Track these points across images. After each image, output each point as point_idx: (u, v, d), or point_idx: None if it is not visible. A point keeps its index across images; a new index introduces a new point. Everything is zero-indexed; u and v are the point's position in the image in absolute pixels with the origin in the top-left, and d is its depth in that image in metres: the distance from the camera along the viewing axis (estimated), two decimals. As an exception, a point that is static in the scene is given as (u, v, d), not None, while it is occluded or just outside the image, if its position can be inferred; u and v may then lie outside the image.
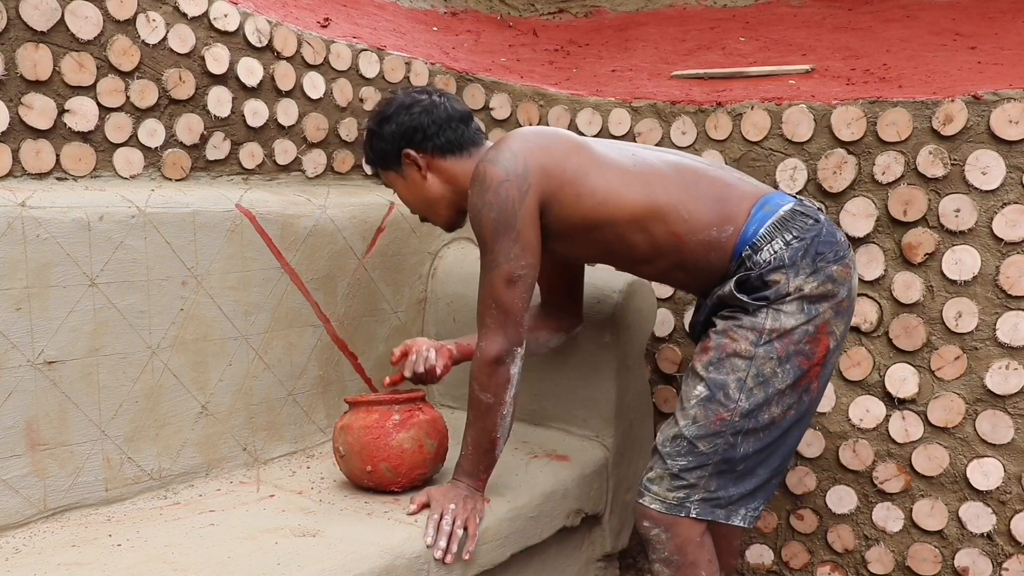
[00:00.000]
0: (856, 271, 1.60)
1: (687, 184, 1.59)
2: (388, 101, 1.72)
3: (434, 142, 1.67)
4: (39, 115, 1.67)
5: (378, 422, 1.66)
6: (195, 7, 1.86)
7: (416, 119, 1.66)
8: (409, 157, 1.68)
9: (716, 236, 1.56)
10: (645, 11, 3.39)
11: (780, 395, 1.52)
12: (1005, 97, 1.75)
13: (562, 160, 1.58)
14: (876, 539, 1.95)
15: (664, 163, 1.63)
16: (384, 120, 1.69)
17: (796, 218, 1.54)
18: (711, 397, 1.53)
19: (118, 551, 1.45)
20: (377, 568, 1.44)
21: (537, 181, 1.55)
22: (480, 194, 1.56)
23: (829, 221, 1.59)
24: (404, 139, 1.67)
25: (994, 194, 1.78)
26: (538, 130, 1.66)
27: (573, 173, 1.58)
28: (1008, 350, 1.79)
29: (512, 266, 1.54)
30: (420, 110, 1.67)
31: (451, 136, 1.67)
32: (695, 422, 1.54)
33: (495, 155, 1.57)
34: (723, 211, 1.57)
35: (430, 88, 1.74)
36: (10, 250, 1.50)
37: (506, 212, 1.53)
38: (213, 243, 1.78)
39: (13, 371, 1.51)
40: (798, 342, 1.51)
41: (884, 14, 2.92)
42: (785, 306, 1.51)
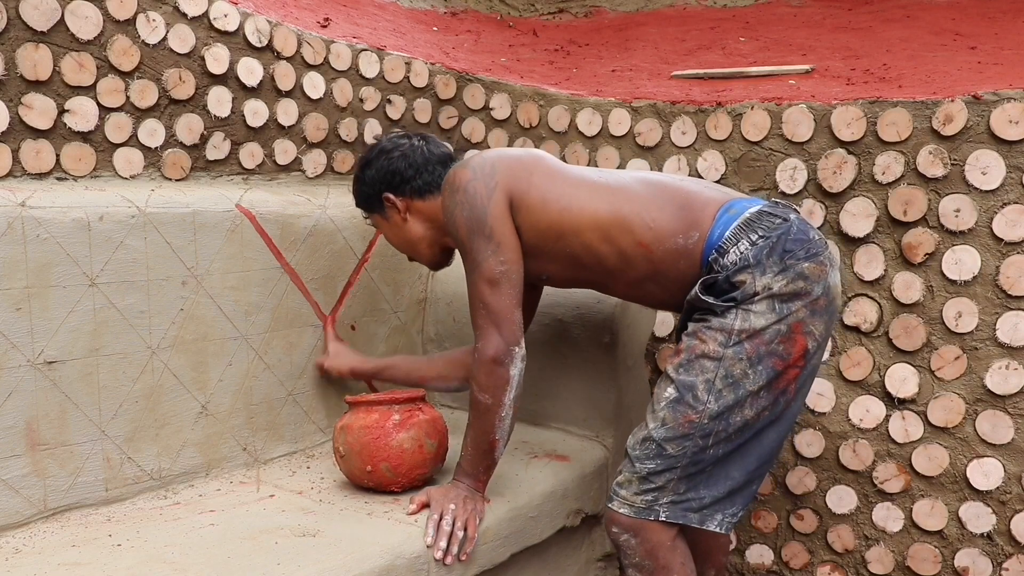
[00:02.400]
0: (836, 270, 1.57)
1: (651, 194, 1.61)
2: (371, 147, 1.78)
3: (412, 185, 1.73)
4: (39, 115, 1.67)
5: (378, 422, 1.66)
6: (195, 7, 1.86)
7: (394, 163, 1.73)
8: (389, 200, 1.74)
9: (683, 243, 1.56)
10: (645, 11, 3.38)
11: (753, 397, 1.50)
12: (1005, 97, 1.75)
13: (529, 166, 1.64)
14: (876, 539, 1.95)
15: (629, 177, 1.66)
16: (365, 165, 1.77)
17: (763, 218, 1.53)
18: (680, 399, 1.51)
19: (118, 551, 1.45)
20: (377, 568, 1.44)
21: (504, 180, 1.60)
22: (451, 195, 1.62)
23: (801, 220, 1.57)
24: (384, 183, 1.74)
25: (994, 194, 1.78)
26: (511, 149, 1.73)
27: (540, 179, 1.62)
28: (1008, 350, 1.79)
29: (491, 264, 1.57)
30: (399, 155, 1.73)
31: (428, 179, 1.72)
32: (664, 424, 1.52)
33: (464, 162, 1.65)
34: (688, 218, 1.57)
35: (412, 133, 1.80)
36: (10, 250, 1.50)
37: (476, 208, 1.58)
38: (213, 243, 1.78)
39: (13, 371, 1.51)
40: (770, 342, 1.49)
41: (884, 14, 2.92)
42: (754, 306, 1.49)
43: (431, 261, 1.83)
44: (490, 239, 1.57)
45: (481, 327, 1.58)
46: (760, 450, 1.55)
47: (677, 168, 2.13)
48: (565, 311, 2.05)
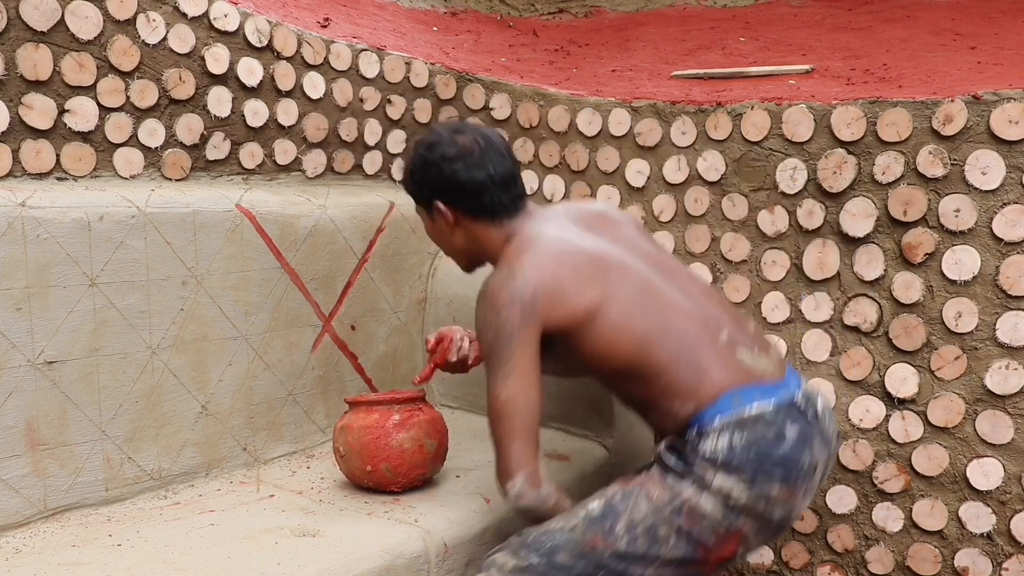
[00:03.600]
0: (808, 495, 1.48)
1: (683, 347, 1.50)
2: (433, 143, 1.62)
3: (467, 204, 1.61)
4: (39, 115, 1.67)
5: (378, 422, 1.66)
6: (195, 7, 1.86)
7: (456, 175, 1.59)
8: (439, 210, 1.62)
9: (677, 409, 1.48)
10: (645, 11, 3.38)
11: (660, 564, 1.43)
12: (1005, 97, 1.75)
13: (574, 296, 1.50)
14: (876, 539, 1.95)
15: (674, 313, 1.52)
16: (424, 164, 1.63)
17: (758, 424, 1.44)
18: (600, 519, 1.44)
19: (118, 551, 1.45)
20: (377, 568, 1.44)
21: (543, 311, 1.48)
22: (484, 312, 1.51)
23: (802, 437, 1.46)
24: (438, 191, 1.62)
25: (994, 194, 1.78)
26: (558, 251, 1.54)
27: (582, 313, 1.50)
28: (1008, 350, 1.79)
29: (501, 386, 1.47)
30: (461, 167, 1.59)
31: (487, 202, 1.60)
32: (571, 531, 1.44)
33: (506, 275, 1.51)
34: (697, 386, 1.48)
35: (479, 134, 1.63)
36: (10, 250, 1.50)
37: (503, 335, 1.47)
38: (213, 243, 1.78)
39: (13, 371, 1.51)
40: (705, 530, 1.42)
41: (884, 14, 2.92)
42: (711, 493, 1.42)
43: (467, 269, 1.75)
44: (507, 363, 1.47)
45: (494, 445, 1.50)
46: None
47: (677, 168, 2.13)
48: (565, 311, 2.04)
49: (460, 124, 1.70)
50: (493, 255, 1.63)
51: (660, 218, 2.18)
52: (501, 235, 1.61)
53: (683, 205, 2.14)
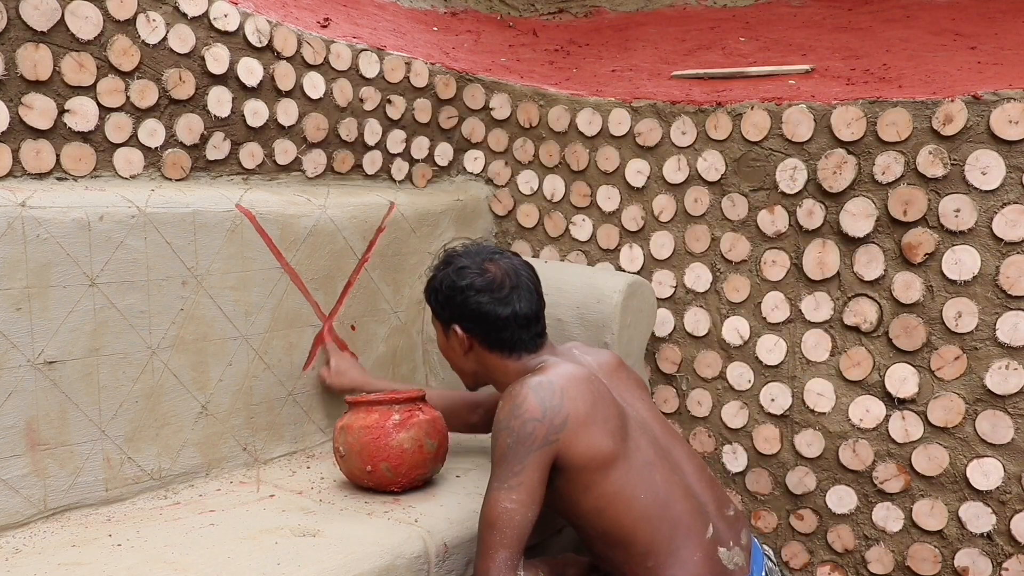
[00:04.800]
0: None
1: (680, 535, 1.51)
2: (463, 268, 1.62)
3: (485, 335, 1.61)
4: (39, 115, 1.67)
5: (378, 422, 1.66)
6: (195, 7, 1.86)
7: (481, 308, 1.60)
8: (456, 333, 1.64)
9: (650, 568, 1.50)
10: (645, 11, 3.38)
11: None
12: (1005, 97, 1.75)
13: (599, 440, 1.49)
14: (876, 539, 1.95)
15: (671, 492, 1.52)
16: (451, 288, 1.62)
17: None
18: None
19: (118, 551, 1.45)
20: (377, 568, 1.44)
21: (566, 439, 1.47)
22: (508, 413, 1.48)
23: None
24: (460, 317, 1.62)
25: (994, 194, 1.78)
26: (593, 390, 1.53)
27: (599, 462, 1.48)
28: (1008, 350, 1.79)
29: (502, 494, 1.45)
30: (487, 300, 1.59)
31: (507, 338, 1.60)
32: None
33: (543, 387, 1.49)
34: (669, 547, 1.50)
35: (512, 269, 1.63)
36: (10, 250, 1.50)
37: (521, 447, 1.45)
38: (213, 243, 1.78)
39: (13, 371, 1.51)
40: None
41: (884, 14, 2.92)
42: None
43: (471, 388, 1.76)
44: (514, 476, 1.45)
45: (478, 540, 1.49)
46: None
47: (677, 167, 2.13)
48: (565, 311, 2.04)
49: (492, 251, 1.67)
50: (502, 384, 1.62)
51: (660, 218, 2.18)
52: (517, 368, 1.61)
53: (683, 205, 2.14)
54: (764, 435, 2.06)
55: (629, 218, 2.23)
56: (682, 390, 2.17)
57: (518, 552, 1.45)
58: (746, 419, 2.09)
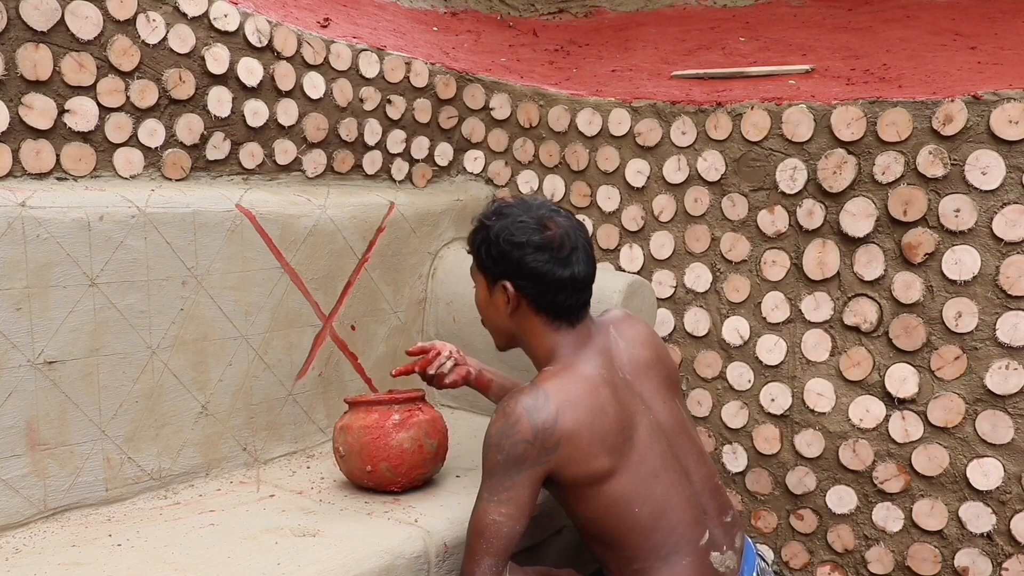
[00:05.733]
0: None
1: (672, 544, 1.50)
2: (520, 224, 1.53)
3: (533, 293, 1.53)
4: (39, 115, 1.67)
5: (378, 422, 1.66)
6: (195, 7, 1.86)
7: (540, 267, 1.51)
8: (504, 289, 1.56)
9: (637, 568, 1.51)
10: (645, 11, 3.38)
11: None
12: (1005, 97, 1.75)
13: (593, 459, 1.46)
14: (876, 539, 1.95)
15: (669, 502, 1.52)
16: (510, 244, 1.53)
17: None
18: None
19: (118, 551, 1.45)
20: (377, 568, 1.44)
21: (557, 466, 1.45)
22: (500, 431, 1.45)
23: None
24: (512, 273, 1.54)
25: (994, 194, 1.78)
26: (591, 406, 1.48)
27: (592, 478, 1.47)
28: (1008, 350, 1.79)
29: (491, 506, 1.44)
30: (548, 259, 1.51)
31: (561, 300, 1.54)
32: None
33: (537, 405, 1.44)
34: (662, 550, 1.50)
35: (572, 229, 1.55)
36: (10, 250, 1.50)
37: (511, 466, 1.44)
38: (213, 243, 1.78)
39: (13, 371, 1.51)
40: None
41: (884, 14, 2.92)
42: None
43: (502, 348, 1.70)
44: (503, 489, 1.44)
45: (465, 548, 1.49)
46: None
47: (677, 167, 2.13)
48: (565, 311, 2.04)
49: (549, 208, 1.58)
50: (534, 352, 1.60)
51: (660, 218, 2.18)
52: (553, 338, 1.56)
53: (683, 205, 2.14)
54: (764, 435, 2.06)
55: (629, 218, 2.23)
56: (682, 390, 2.17)
57: (504, 559, 1.46)
58: (746, 419, 2.09)
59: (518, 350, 1.67)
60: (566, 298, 1.54)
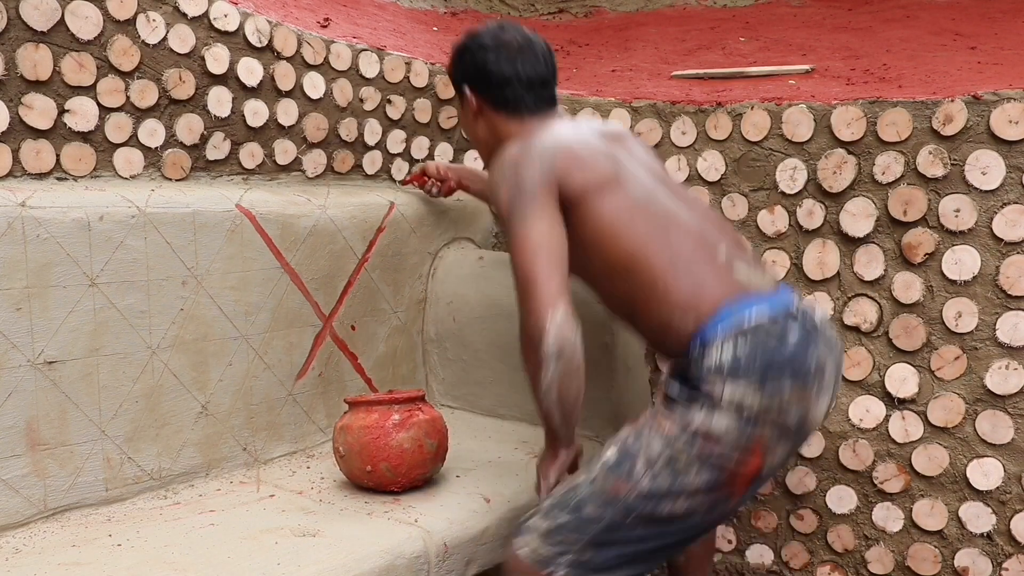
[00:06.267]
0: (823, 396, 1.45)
1: (682, 255, 1.49)
2: (478, 32, 1.70)
3: (492, 93, 1.68)
4: (39, 115, 1.67)
5: (378, 422, 1.66)
6: (195, 7, 1.86)
7: (486, 65, 1.67)
8: (466, 96, 1.71)
9: (678, 321, 1.46)
10: (645, 11, 3.38)
11: (688, 495, 1.40)
12: (1005, 97, 1.75)
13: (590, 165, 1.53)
14: (876, 539, 1.95)
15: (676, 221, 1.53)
16: (462, 49, 1.72)
17: (759, 332, 1.42)
18: (618, 464, 1.43)
19: (118, 551, 1.45)
20: (377, 568, 1.44)
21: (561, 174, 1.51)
22: (501, 171, 1.55)
23: (805, 340, 1.43)
24: (468, 77, 1.70)
25: (994, 194, 1.78)
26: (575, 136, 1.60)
27: (595, 187, 1.52)
28: (1008, 350, 1.79)
29: (528, 224, 1.47)
30: (493, 58, 1.66)
31: (509, 96, 1.66)
32: (592, 484, 1.44)
33: (521, 142, 1.57)
34: (695, 299, 1.46)
35: (523, 36, 1.69)
36: (10, 250, 1.50)
37: (524, 184, 1.50)
38: (213, 243, 1.78)
39: (13, 371, 1.51)
40: (723, 450, 1.39)
41: (884, 14, 2.92)
42: (721, 411, 1.39)
43: (485, 159, 1.80)
44: (529, 207, 1.48)
45: (519, 302, 1.48)
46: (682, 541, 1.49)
47: (677, 168, 2.13)
48: (565, 311, 2.04)
49: (512, 24, 1.74)
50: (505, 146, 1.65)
51: (660, 218, 2.18)
52: (516, 128, 1.65)
53: (683, 205, 2.14)
54: (764, 435, 2.06)
55: (629, 218, 2.23)
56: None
57: (566, 278, 1.47)
58: (746, 419, 2.09)
59: None
60: (514, 93, 1.66)
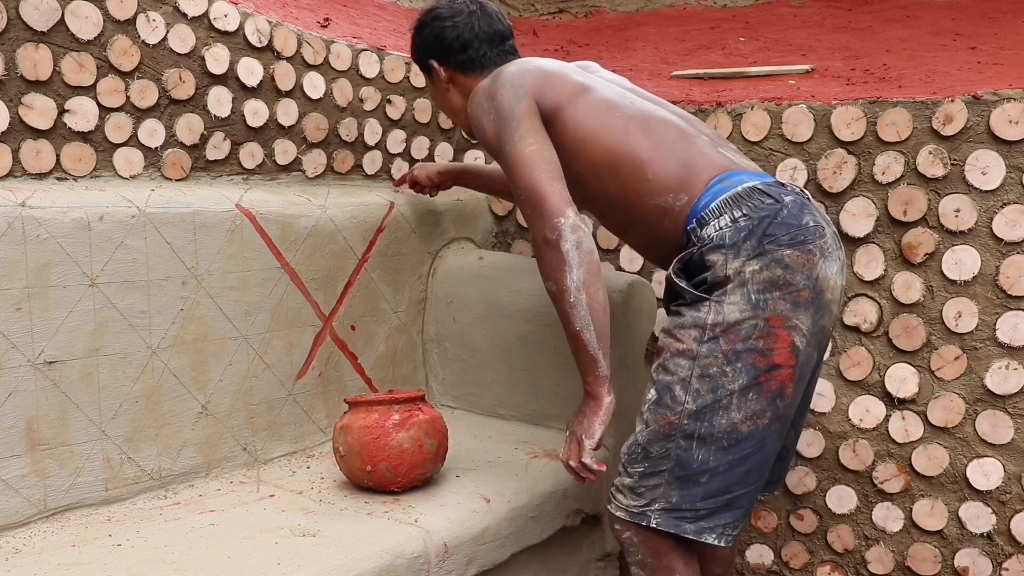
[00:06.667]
0: (830, 260, 1.44)
1: (664, 142, 1.53)
2: (430, 8, 1.77)
3: (456, 59, 1.74)
4: (39, 115, 1.67)
5: (378, 422, 1.66)
6: (195, 7, 1.86)
7: (444, 33, 1.73)
8: (433, 68, 1.77)
9: (671, 203, 1.49)
10: (645, 11, 3.39)
11: (739, 398, 1.39)
12: (1005, 97, 1.76)
13: (557, 81, 1.61)
14: (876, 539, 1.95)
15: (652, 116, 1.58)
16: (420, 27, 1.78)
17: (753, 195, 1.44)
18: (659, 400, 1.45)
19: (118, 551, 1.45)
20: (377, 568, 1.44)
21: (533, 89, 1.58)
22: (479, 105, 1.60)
23: (799, 203, 1.45)
24: (431, 50, 1.76)
25: (994, 194, 1.78)
26: (538, 59, 1.69)
27: (566, 98, 1.59)
28: (1008, 350, 1.79)
29: (519, 148, 1.52)
30: (450, 25, 1.72)
31: (473, 55, 1.73)
32: (647, 427, 1.47)
33: (494, 76, 1.63)
34: (685, 177, 1.49)
35: (473, 1, 1.75)
36: (10, 250, 1.50)
37: (503, 110, 1.56)
38: (213, 243, 1.78)
39: (13, 371, 1.51)
40: (746, 338, 1.39)
41: (884, 14, 2.92)
42: (728, 296, 1.40)
43: (467, 131, 1.83)
44: (517, 130, 1.53)
45: (526, 216, 1.52)
46: (762, 460, 1.47)
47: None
48: (565, 311, 2.04)
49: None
50: None
51: (660, 218, 2.18)
52: None
53: (683, 205, 2.14)
54: (764, 435, 2.06)
55: (629, 218, 2.23)
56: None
57: (565, 186, 1.51)
58: (746, 419, 2.09)
59: None
60: (477, 51, 1.72)
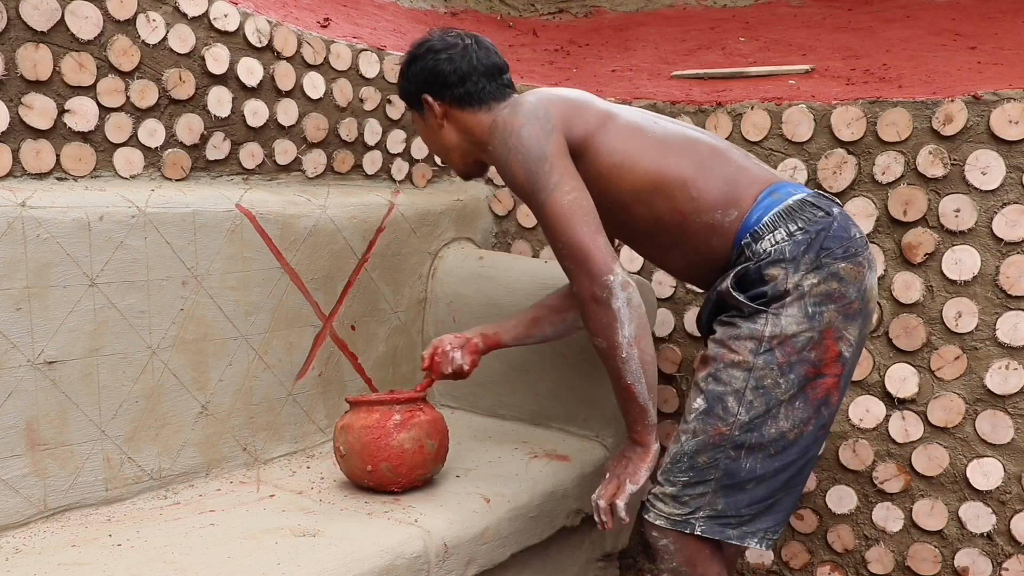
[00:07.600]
0: (874, 271, 1.50)
1: (702, 160, 1.53)
2: (422, 41, 1.70)
3: (453, 92, 1.65)
4: (39, 115, 1.67)
5: (379, 422, 1.66)
6: (195, 7, 1.86)
7: (439, 66, 1.65)
8: (427, 103, 1.68)
9: (720, 220, 1.50)
10: (645, 11, 3.39)
11: (786, 407, 1.42)
12: (1005, 97, 1.76)
13: (583, 110, 1.56)
14: (876, 539, 1.95)
15: (683, 136, 1.58)
16: (412, 60, 1.69)
17: (805, 208, 1.47)
18: (709, 410, 1.46)
19: (118, 551, 1.45)
20: (377, 568, 1.44)
21: (560, 124, 1.52)
22: (503, 142, 1.53)
23: (844, 215, 1.50)
24: (425, 84, 1.67)
25: (994, 194, 1.78)
26: (558, 89, 1.63)
27: (595, 126, 1.55)
28: (1008, 350, 1.79)
29: (556, 197, 1.47)
30: (445, 57, 1.65)
31: (471, 89, 1.65)
32: (694, 436, 1.47)
33: (513, 107, 1.57)
34: (732, 193, 1.50)
35: (467, 35, 1.69)
36: (10, 250, 1.50)
37: (532, 150, 1.50)
38: (213, 243, 1.78)
39: (13, 371, 1.51)
40: (801, 349, 1.42)
41: (884, 14, 2.92)
42: (786, 309, 1.42)
43: (461, 171, 1.78)
44: (551, 175, 1.48)
45: (568, 270, 1.50)
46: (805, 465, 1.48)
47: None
48: (565, 311, 2.04)
49: (450, 28, 1.74)
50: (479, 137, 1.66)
51: (660, 218, 2.18)
52: (491, 118, 1.63)
53: (683, 205, 2.14)
54: (764, 435, 2.06)
55: (629, 218, 2.23)
56: (682, 390, 2.17)
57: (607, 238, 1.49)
58: (746, 419, 2.09)
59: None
60: (475, 84, 1.65)
